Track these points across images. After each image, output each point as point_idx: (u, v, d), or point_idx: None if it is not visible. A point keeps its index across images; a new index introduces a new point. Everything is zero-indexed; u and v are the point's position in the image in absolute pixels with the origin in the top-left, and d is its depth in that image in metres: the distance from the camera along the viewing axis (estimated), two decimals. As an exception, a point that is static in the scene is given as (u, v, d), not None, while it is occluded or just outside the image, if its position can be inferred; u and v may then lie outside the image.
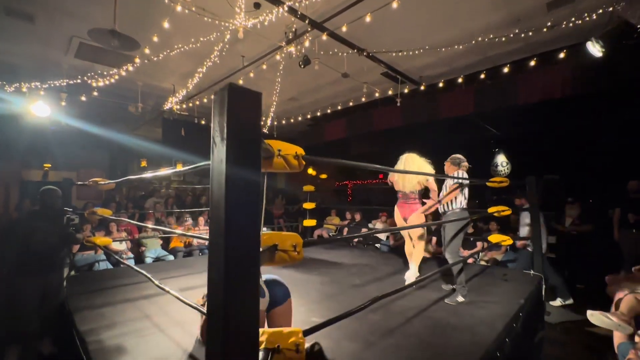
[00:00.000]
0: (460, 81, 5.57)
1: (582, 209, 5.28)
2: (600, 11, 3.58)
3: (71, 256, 4.09)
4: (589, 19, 3.66)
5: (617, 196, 4.90)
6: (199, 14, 3.66)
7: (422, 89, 5.94)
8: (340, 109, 7.36)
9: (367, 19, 3.68)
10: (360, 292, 3.09)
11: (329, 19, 3.89)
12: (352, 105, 7.04)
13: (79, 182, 3.72)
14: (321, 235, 7.34)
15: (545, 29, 3.93)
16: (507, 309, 2.55)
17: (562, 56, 4.46)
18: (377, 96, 6.47)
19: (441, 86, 5.75)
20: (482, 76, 5.33)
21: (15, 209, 6.48)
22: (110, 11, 3.44)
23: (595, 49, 3.84)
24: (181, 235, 5.53)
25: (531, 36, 4.12)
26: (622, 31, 3.78)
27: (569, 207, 5.35)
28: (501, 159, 8.22)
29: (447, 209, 3.03)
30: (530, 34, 4.04)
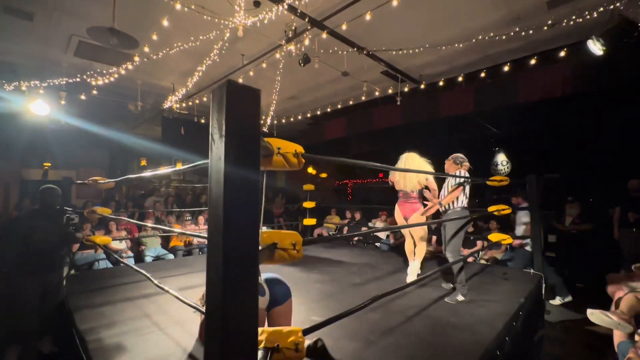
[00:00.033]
0: (460, 80, 5.55)
1: (582, 208, 5.28)
2: (601, 9, 3.56)
3: (71, 255, 4.09)
4: (589, 17, 3.64)
5: (617, 195, 4.91)
6: (199, 12, 3.65)
7: (422, 88, 5.92)
8: (340, 108, 7.33)
9: (367, 17, 3.67)
10: (360, 290, 3.09)
11: (329, 17, 3.87)
12: (352, 104, 7.02)
13: (78, 181, 3.72)
14: (321, 234, 7.34)
15: (545, 28, 3.92)
16: (507, 307, 2.56)
17: (562, 54, 4.44)
18: (377, 95, 6.47)
19: (441, 85, 5.75)
20: (483, 75, 5.32)
21: (15, 208, 6.48)
22: (109, 9, 3.43)
23: (595, 48, 3.82)
24: (181, 234, 5.53)
25: (531, 34, 4.10)
26: (622, 29, 3.76)
27: (569, 206, 5.35)
28: (501, 158, 8.22)
29: (448, 208, 3.03)
30: (530, 32, 4.03)
